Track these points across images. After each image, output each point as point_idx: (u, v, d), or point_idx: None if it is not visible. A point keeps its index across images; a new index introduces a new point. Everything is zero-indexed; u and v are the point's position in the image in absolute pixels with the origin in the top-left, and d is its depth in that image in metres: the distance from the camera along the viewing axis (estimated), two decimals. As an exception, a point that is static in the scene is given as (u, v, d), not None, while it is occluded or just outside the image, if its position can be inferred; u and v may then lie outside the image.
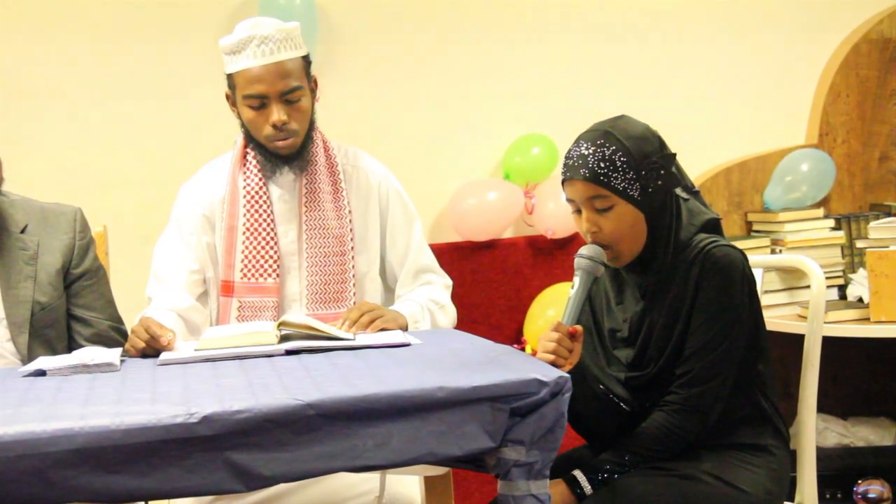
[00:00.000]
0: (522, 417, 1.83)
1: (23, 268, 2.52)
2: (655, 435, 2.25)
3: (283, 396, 1.76)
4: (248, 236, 2.70)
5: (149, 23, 3.68)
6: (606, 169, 2.24)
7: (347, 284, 2.71)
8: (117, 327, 2.63)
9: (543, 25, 4.01)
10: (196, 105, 3.66)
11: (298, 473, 1.76)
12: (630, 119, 2.34)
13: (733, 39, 4.18)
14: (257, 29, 2.62)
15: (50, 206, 2.62)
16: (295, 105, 2.65)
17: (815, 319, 2.51)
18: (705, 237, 2.30)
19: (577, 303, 2.25)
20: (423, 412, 1.79)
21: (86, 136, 3.65)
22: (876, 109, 4.22)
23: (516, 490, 1.85)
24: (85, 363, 2.17)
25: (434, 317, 2.71)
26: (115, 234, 3.02)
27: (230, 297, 2.70)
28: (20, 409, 1.81)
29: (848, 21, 4.24)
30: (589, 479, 2.23)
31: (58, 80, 3.63)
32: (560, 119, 3.90)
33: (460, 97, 3.95)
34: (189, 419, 1.69)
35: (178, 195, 2.81)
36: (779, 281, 3.73)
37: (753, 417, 2.33)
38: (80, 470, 1.65)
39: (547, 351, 2.21)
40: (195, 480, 1.70)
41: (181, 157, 3.51)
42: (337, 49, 3.82)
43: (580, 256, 2.27)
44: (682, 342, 2.27)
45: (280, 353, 2.22)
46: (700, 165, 4.09)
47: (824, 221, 3.97)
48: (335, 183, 2.75)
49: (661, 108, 3.93)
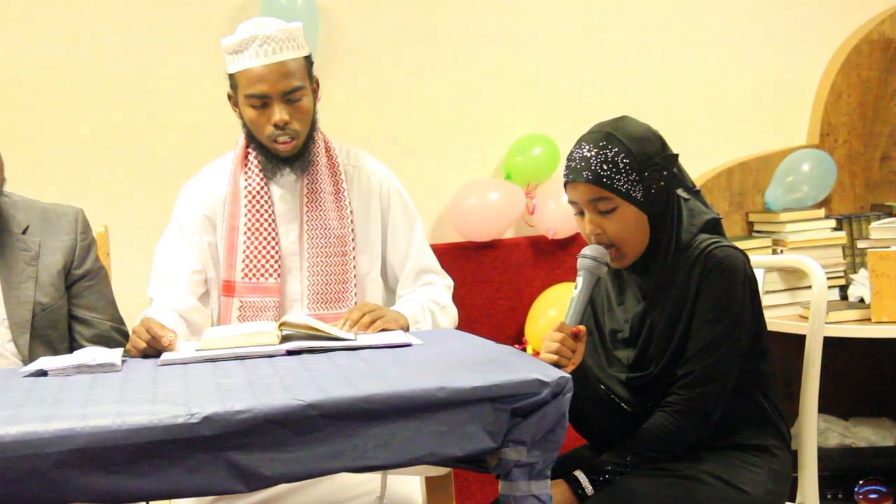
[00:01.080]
0: (524, 418, 1.83)
1: (24, 268, 2.52)
2: (657, 435, 2.25)
3: (285, 397, 1.75)
4: (250, 236, 2.70)
5: (150, 23, 3.68)
6: (609, 171, 2.23)
7: (348, 285, 2.71)
8: (118, 328, 2.62)
9: (544, 25, 4.01)
10: (197, 105, 3.65)
11: (299, 474, 1.75)
12: (632, 120, 2.33)
13: (734, 40, 4.18)
14: (260, 29, 2.62)
15: (51, 206, 2.62)
16: (297, 105, 2.65)
17: (817, 320, 2.51)
18: (707, 238, 2.30)
19: (580, 303, 2.25)
20: (425, 412, 1.79)
21: (87, 136, 3.65)
22: (877, 110, 4.22)
23: (517, 490, 1.84)
24: (86, 363, 2.17)
25: (435, 317, 2.71)
26: (116, 235, 3.02)
27: (231, 297, 2.70)
28: (21, 410, 1.80)
29: (849, 21, 4.24)
30: (590, 479, 2.23)
31: (59, 80, 3.62)
32: (561, 119, 3.91)
33: (461, 97, 3.95)
34: (190, 419, 1.69)
35: (180, 195, 2.81)
36: (780, 281, 3.73)
37: (755, 418, 2.33)
38: (81, 470, 1.65)
39: (550, 351, 2.21)
40: (196, 481, 1.70)
41: (182, 157, 3.51)
42: (337, 49, 3.82)
43: (583, 257, 2.27)
44: (684, 343, 2.27)
45: (281, 353, 2.22)
46: (701, 165, 4.09)
47: (825, 222, 3.97)
48: (336, 183, 2.74)
49: (663, 108, 3.94)
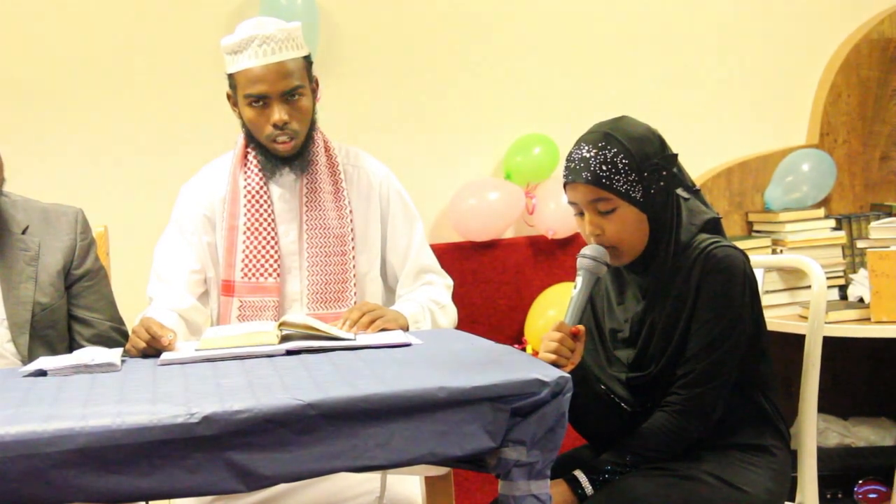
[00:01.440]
0: (523, 417, 1.83)
1: (24, 268, 2.52)
2: (657, 435, 2.25)
3: (284, 396, 1.75)
4: (249, 236, 2.70)
5: (150, 22, 3.68)
6: (609, 172, 2.23)
7: (348, 284, 2.71)
8: (118, 328, 2.62)
9: (544, 25, 4.01)
10: (196, 105, 3.65)
11: (299, 473, 1.75)
12: (631, 120, 2.33)
13: (734, 39, 4.18)
14: (259, 29, 2.62)
15: (51, 206, 2.62)
16: (296, 105, 2.65)
17: (816, 319, 2.51)
18: (707, 237, 2.30)
19: (579, 303, 2.25)
20: (424, 412, 1.79)
21: (86, 136, 3.65)
22: (877, 109, 4.22)
23: (517, 490, 1.84)
24: (86, 363, 2.17)
25: (435, 317, 2.71)
26: (115, 235, 3.02)
27: (231, 297, 2.70)
28: (21, 410, 1.80)
29: (849, 21, 4.25)
30: (590, 479, 2.23)
31: (58, 80, 3.62)
32: (561, 119, 3.91)
33: (461, 97, 3.95)
34: (190, 419, 1.69)
35: (179, 195, 2.81)
36: (780, 281, 3.73)
37: (754, 417, 2.33)
38: (80, 470, 1.65)
39: (549, 351, 2.21)
40: (196, 480, 1.70)
41: (181, 157, 3.51)
42: (337, 49, 3.82)
43: (583, 256, 2.27)
44: (683, 342, 2.27)
45: (281, 353, 2.22)
46: (701, 165, 4.09)
47: (825, 221, 3.97)
48: (336, 183, 2.74)
49: (662, 108, 3.94)
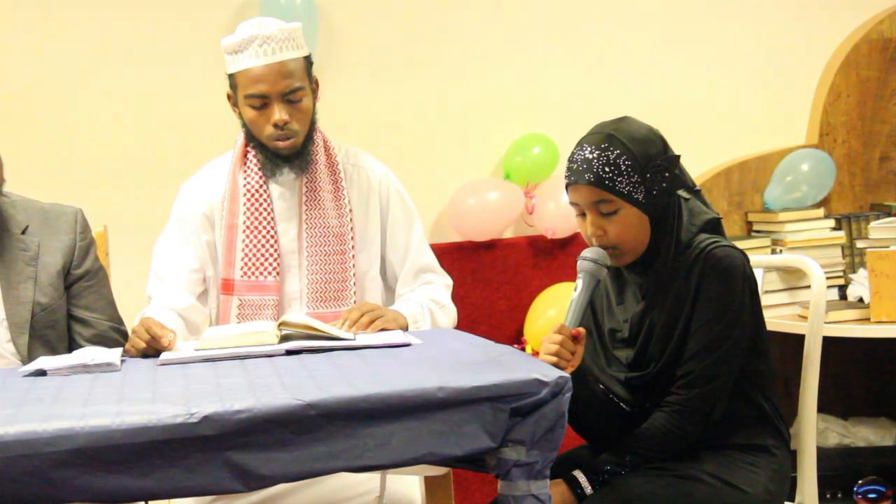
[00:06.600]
0: (523, 417, 1.83)
1: (23, 268, 2.52)
2: (656, 435, 2.25)
3: (284, 396, 1.75)
4: (249, 234, 2.70)
5: (150, 23, 3.68)
6: (611, 173, 2.23)
7: (348, 283, 2.71)
8: (118, 328, 2.62)
9: (544, 25, 4.01)
10: (197, 104, 3.65)
11: (299, 473, 1.76)
12: (633, 120, 2.33)
13: (734, 40, 4.18)
14: (260, 29, 2.62)
15: (51, 206, 2.62)
16: (296, 105, 2.65)
17: (816, 319, 2.51)
18: (706, 237, 2.30)
19: (579, 305, 2.25)
20: (424, 412, 1.79)
21: (86, 136, 3.65)
22: (876, 109, 4.22)
23: (516, 490, 1.84)
24: (85, 363, 2.17)
25: (434, 316, 2.71)
26: (115, 234, 3.02)
27: (230, 296, 2.70)
28: (21, 409, 1.80)
29: (848, 21, 4.24)
30: (589, 479, 2.23)
31: (59, 80, 3.62)
32: (561, 119, 3.91)
33: (460, 97, 3.95)
34: (189, 419, 1.69)
35: (179, 194, 2.81)
36: (779, 281, 3.73)
37: (754, 418, 2.33)
38: (80, 470, 1.65)
39: (549, 353, 2.21)
40: (195, 480, 1.70)
41: (181, 157, 3.51)
42: (337, 49, 3.82)
43: (583, 259, 2.27)
44: (683, 342, 2.27)
45: (280, 353, 2.22)
46: (700, 165, 4.09)
47: (825, 221, 3.97)
48: (336, 182, 2.74)
49: (662, 108, 3.93)
